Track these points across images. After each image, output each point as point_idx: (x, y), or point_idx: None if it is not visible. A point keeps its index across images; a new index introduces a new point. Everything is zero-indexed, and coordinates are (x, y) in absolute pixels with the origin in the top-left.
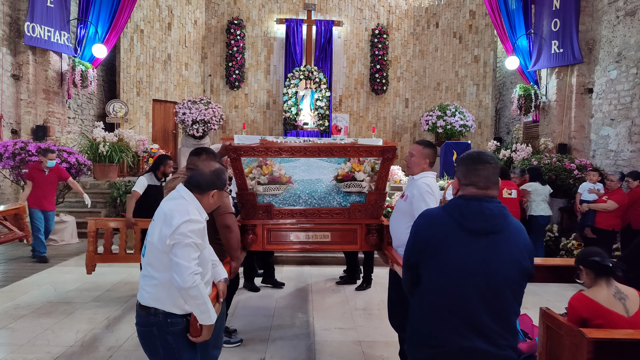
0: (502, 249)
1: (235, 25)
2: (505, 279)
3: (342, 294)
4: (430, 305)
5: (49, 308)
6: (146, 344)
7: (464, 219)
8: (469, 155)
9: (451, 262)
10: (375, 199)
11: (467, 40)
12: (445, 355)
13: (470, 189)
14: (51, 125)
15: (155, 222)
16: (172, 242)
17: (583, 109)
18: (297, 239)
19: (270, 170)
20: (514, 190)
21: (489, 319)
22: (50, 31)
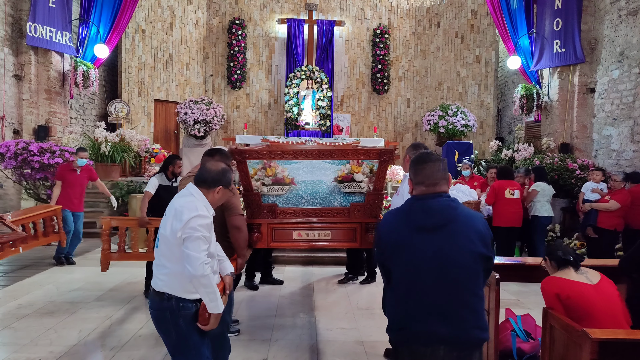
0: (453, 239)
1: (236, 25)
2: (461, 267)
3: (344, 293)
4: (399, 297)
5: (51, 308)
6: (160, 327)
7: (412, 218)
8: (416, 157)
9: (409, 258)
10: (373, 199)
11: (468, 40)
12: (415, 339)
13: (420, 188)
14: (53, 126)
15: (167, 217)
16: (183, 235)
17: (585, 108)
18: (300, 237)
19: (274, 172)
20: (516, 191)
21: (451, 305)
22: (52, 31)
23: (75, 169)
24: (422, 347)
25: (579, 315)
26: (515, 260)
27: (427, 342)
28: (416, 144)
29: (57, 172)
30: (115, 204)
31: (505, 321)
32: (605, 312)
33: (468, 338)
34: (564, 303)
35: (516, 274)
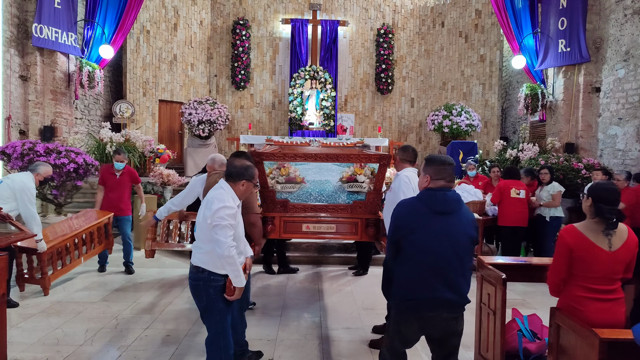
0: (459, 223)
1: (240, 25)
2: (462, 245)
3: (350, 294)
4: (411, 269)
5: (58, 307)
6: (194, 292)
7: (434, 204)
8: (439, 158)
9: (426, 235)
10: (373, 198)
11: (473, 40)
12: (424, 305)
13: (440, 182)
14: (58, 126)
15: (202, 207)
16: (213, 222)
17: (590, 108)
18: (308, 229)
19: (287, 172)
20: (522, 191)
21: (455, 274)
22: (57, 32)
23: (114, 173)
24: (429, 312)
25: (578, 274)
26: (521, 260)
27: (434, 307)
28: (406, 146)
29: (99, 176)
30: (143, 213)
31: (512, 321)
32: None
33: (462, 302)
34: (573, 258)
35: (522, 274)
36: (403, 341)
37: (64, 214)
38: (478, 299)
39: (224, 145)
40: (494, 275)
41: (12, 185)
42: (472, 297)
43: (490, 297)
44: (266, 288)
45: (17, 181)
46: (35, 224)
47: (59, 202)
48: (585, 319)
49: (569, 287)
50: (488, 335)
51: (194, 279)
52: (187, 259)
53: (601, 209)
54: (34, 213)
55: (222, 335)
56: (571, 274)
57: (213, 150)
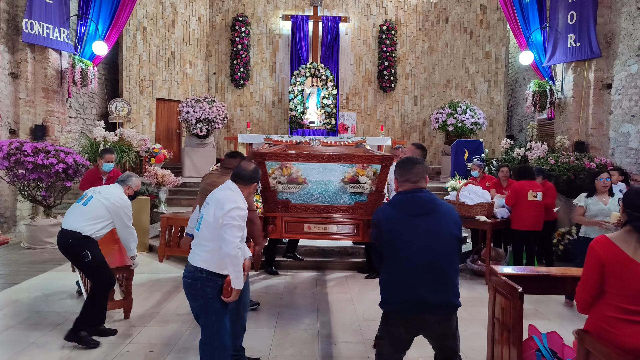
0: (438, 223)
1: (240, 22)
2: (444, 245)
3: (350, 302)
4: (394, 274)
5: (37, 318)
6: (189, 292)
7: (405, 208)
8: (403, 161)
9: (403, 239)
10: (375, 199)
11: (478, 36)
12: (407, 308)
13: (407, 185)
14: (51, 125)
15: (209, 206)
16: (224, 222)
17: (601, 105)
18: (309, 230)
19: (289, 172)
20: (539, 193)
21: (439, 276)
22: (49, 28)
23: (101, 177)
24: (412, 315)
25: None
26: (539, 271)
27: (417, 309)
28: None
29: (82, 180)
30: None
31: (529, 339)
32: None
33: (448, 304)
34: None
35: (539, 285)
36: (395, 344)
37: (54, 216)
38: (490, 313)
39: (222, 144)
40: (509, 288)
41: (107, 202)
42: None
43: (505, 312)
44: (261, 295)
45: (112, 196)
46: (133, 242)
47: (48, 204)
48: (617, 343)
49: (600, 305)
50: (502, 355)
51: (190, 278)
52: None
53: (632, 216)
54: (133, 231)
55: (216, 335)
56: (603, 291)
57: (211, 150)
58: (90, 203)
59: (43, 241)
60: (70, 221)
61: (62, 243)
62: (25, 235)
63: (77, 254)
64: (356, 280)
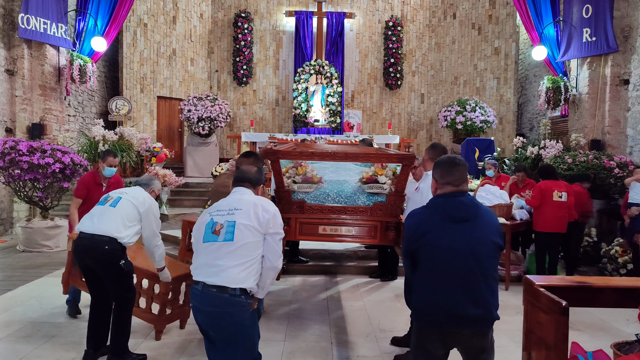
0: (479, 230)
1: (242, 18)
2: (485, 254)
3: (363, 311)
4: (430, 282)
5: (29, 330)
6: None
7: (445, 212)
8: (443, 160)
9: (442, 246)
10: (394, 200)
11: (486, 32)
12: (446, 321)
13: (448, 187)
14: (48, 123)
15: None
16: (274, 230)
17: (618, 101)
18: (325, 232)
19: (304, 171)
20: (564, 193)
21: (479, 286)
22: (46, 23)
23: (101, 183)
24: (451, 328)
25: None
26: (579, 281)
27: (456, 323)
28: (434, 144)
29: (77, 186)
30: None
31: (572, 358)
32: None
33: (490, 317)
34: None
35: (580, 297)
36: (428, 358)
37: (50, 218)
38: (525, 328)
39: (225, 143)
40: (549, 301)
41: (137, 202)
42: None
43: (544, 328)
44: (269, 302)
45: (141, 199)
46: (158, 249)
47: (44, 205)
48: None
49: None
50: None
51: (222, 305)
52: None
53: None
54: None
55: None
56: None
57: (214, 149)
58: (120, 203)
59: (39, 244)
60: (104, 225)
61: (92, 252)
62: (20, 238)
63: (113, 264)
64: (368, 286)
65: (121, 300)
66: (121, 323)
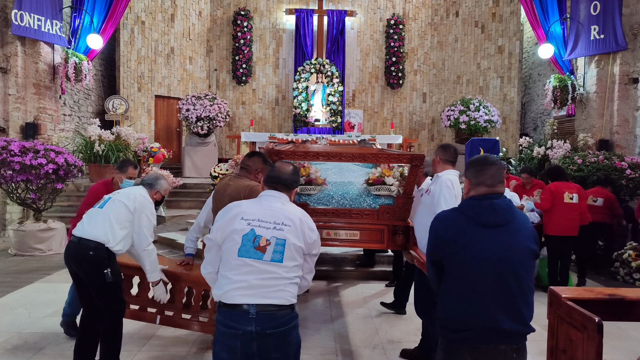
0: (514, 236)
1: (242, 16)
2: (520, 262)
3: (369, 319)
4: (460, 294)
5: (15, 341)
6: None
7: (479, 216)
8: (477, 159)
9: (473, 254)
10: (402, 202)
11: (490, 30)
12: (478, 337)
13: (480, 188)
14: (42, 123)
15: (294, 227)
16: (316, 252)
17: (627, 100)
18: (329, 236)
19: (307, 172)
20: (575, 194)
21: (514, 298)
22: (40, 20)
23: None
24: (485, 345)
25: None
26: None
27: (490, 338)
28: (446, 145)
29: (87, 196)
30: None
31: None
32: None
33: (526, 331)
34: None
35: (612, 310)
36: None
37: (44, 220)
38: (551, 344)
39: (224, 143)
40: (581, 317)
41: (128, 201)
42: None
43: (575, 345)
44: None
45: (134, 198)
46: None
47: (38, 207)
48: None
49: None
50: None
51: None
52: None
53: None
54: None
55: None
56: None
57: (213, 149)
58: (109, 204)
59: (32, 247)
60: (91, 228)
61: (76, 256)
62: (12, 241)
63: (96, 271)
64: (372, 292)
65: (109, 313)
66: (110, 338)
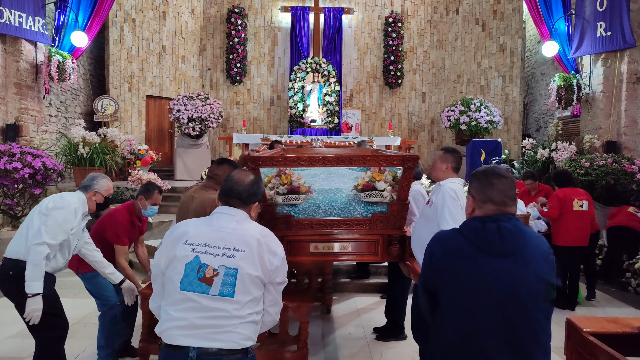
0: (525, 267)
1: (236, 14)
2: (533, 299)
3: (364, 339)
4: (454, 334)
5: None
6: None
7: (483, 242)
8: (482, 170)
9: (473, 288)
10: (397, 210)
11: (491, 28)
12: None
13: (487, 207)
14: (24, 124)
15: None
16: (280, 279)
17: (635, 100)
18: (317, 250)
19: (290, 180)
20: (585, 202)
21: (523, 341)
22: (21, 16)
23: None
24: None
25: None
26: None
27: None
28: (451, 148)
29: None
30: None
31: None
32: None
33: None
34: None
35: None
36: None
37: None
38: None
39: (217, 145)
40: (607, 357)
41: (40, 206)
42: None
43: None
44: None
45: (53, 199)
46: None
47: (15, 214)
48: None
49: None
50: None
51: None
52: None
53: None
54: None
55: None
56: None
57: (205, 151)
58: (28, 216)
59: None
60: (12, 244)
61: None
62: None
63: (20, 294)
64: (367, 305)
65: (38, 341)
66: None
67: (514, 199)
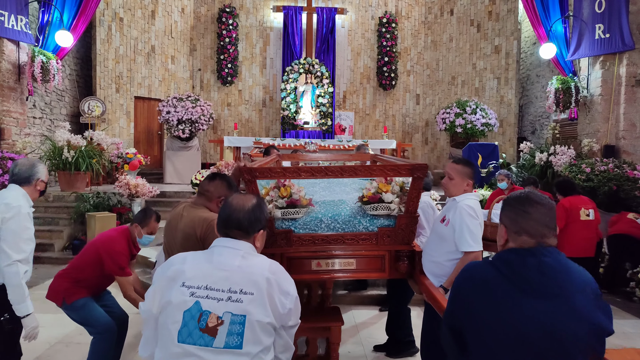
0: (569, 308)
1: (227, 13)
2: (580, 344)
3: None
4: None
5: None
6: None
7: (521, 279)
8: (516, 196)
9: (507, 332)
10: (405, 223)
11: (486, 29)
12: None
13: (522, 239)
14: (7, 127)
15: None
16: (293, 322)
17: (634, 104)
18: (320, 267)
19: (289, 192)
20: (591, 210)
21: None
22: (3, 15)
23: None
24: None
25: None
26: None
27: None
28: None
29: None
30: None
31: None
32: None
33: None
34: None
35: None
36: None
37: None
38: None
39: (208, 147)
40: None
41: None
42: None
43: None
44: None
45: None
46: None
47: None
48: None
49: None
50: None
51: None
52: None
53: None
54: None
55: None
56: None
57: (195, 154)
58: None
59: None
60: None
61: None
62: None
63: None
64: (366, 320)
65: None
66: None
67: (553, 228)
